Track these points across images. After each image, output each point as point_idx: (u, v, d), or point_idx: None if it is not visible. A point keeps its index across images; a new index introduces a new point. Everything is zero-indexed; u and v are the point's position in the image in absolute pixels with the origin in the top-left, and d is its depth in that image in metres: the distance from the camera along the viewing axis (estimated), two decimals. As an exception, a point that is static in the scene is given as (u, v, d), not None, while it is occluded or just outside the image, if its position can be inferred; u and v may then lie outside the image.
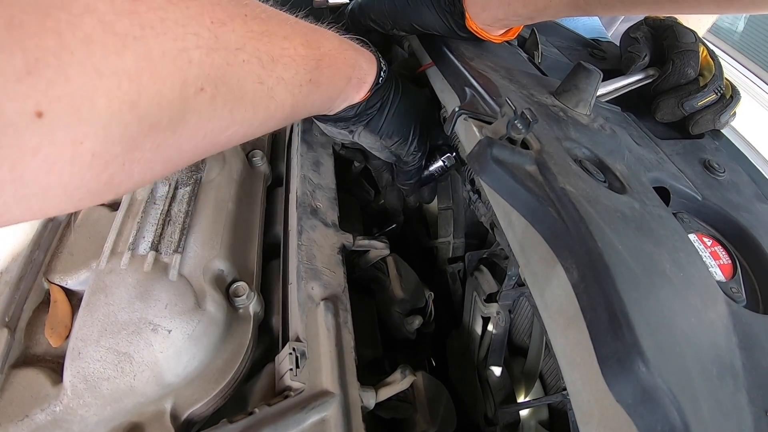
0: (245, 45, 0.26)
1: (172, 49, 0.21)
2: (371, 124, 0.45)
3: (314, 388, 0.34)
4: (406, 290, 0.53)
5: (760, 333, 0.29)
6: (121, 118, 0.20)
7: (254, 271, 0.45)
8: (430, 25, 0.48)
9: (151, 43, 0.20)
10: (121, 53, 0.19)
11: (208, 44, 0.23)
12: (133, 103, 0.20)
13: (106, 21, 0.18)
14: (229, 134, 0.28)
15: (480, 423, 0.51)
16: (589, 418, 0.24)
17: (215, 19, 0.23)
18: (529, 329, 0.50)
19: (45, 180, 0.19)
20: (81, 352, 0.33)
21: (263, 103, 0.29)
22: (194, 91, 0.23)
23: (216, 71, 0.24)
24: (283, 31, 0.29)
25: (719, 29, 2.03)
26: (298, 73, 0.31)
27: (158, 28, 0.20)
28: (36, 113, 0.17)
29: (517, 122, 0.31)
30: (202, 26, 0.23)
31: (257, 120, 0.30)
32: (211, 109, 0.25)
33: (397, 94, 0.46)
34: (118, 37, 0.19)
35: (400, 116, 0.46)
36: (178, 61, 0.22)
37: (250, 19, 0.26)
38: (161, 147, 0.24)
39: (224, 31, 0.24)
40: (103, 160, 0.21)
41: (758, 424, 0.24)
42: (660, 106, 0.51)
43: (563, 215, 0.28)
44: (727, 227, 0.40)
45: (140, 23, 0.20)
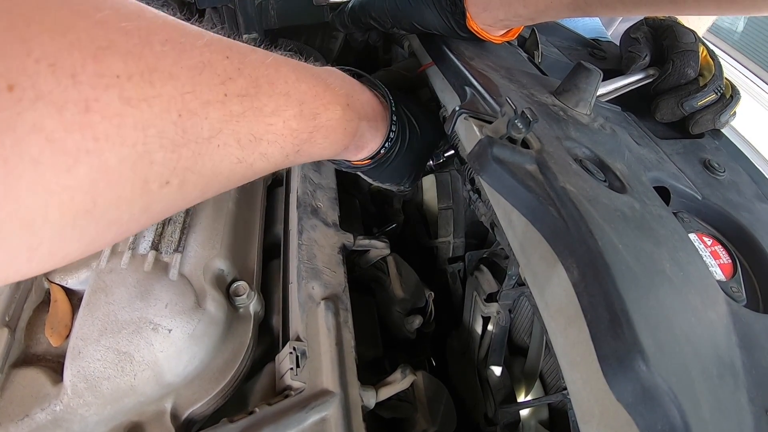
0: (222, 130, 0.24)
1: (130, 155, 0.20)
2: (367, 174, 0.46)
3: (314, 387, 0.34)
4: (406, 290, 0.53)
5: (761, 332, 0.29)
6: (75, 224, 0.19)
7: (254, 270, 0.45)
8: (431, 25, 0.48)
9: (106, 154, 0.19)
10: (72, 169, 0.18)
11: (174, 141, 0.21)
12: (87, 210, 0.19)
13: (54, 139, 0.17)
14: (199, 201, 0.27)
15: (480, 423, 0.51)
16: (589, 417, 0.24)
17: (184, 110, 0.22)
18: (529, 329, 0.50)
19: (4, 273, 0.19)
20: (81, 351, 0.33)
21: (239, 176, 0.27)
22: (158, 186, 0.22)
23: (184, 164, 0.22)
24: (273, 103, 0.27)
25: (719, 29, 2.03)
26: (284, 148, 0.29)
27: (114, 138, 0.19)
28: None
29: (518, 121, 0.31)
30: (166, 123, 0.21)
31: (231, 186, 0.28)
32: (179, 195, 0.23)
33: (402, 150, 0.44)
34: (68, 154, 0.18)
35: (397, 170, 0.45)
36: (137, 165, 0.20)
37: (232, 98, 0.24)
38: (123, 233, 0.23)
39: (195, 122, 0.22)
40: (63, 254, 0.20)
41: (758, 423, 0.24)
42: (660, 106, 0.51)
43: (563, 214, 0.28)
44: (728, 227, 0.40)
45: (93, 135, 0.18)
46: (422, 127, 0.47)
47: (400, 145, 0.44)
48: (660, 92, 0.52)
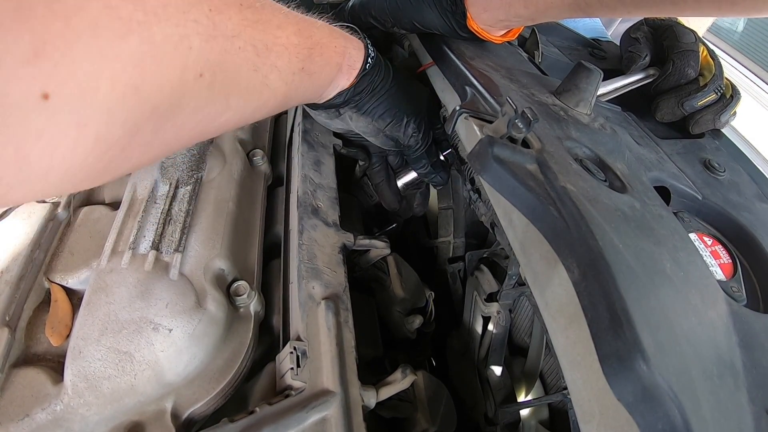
0: (241, 33, 0.26)
1: (173, 34, 0.21)
2: (361, 107, 0.46)
3: (315, 387, 0.34)
4: (406, 290, 0.53)
5: (761, 332, 0.29)
6: (124, 102, 0.20)
7: (255, 270, 0.45)
8: (432, 24, 0.48)
9: (154, 29, 0.20)
10: (125, 37, 0.19)
11: (207, 31, 0.23)
12: (136, 87, 0.20)
13: (111, 5, 0.19)
14: (222, 120, 0.29)
15: (480, 422, 0.51)
16: (590, 417, 0.24)
17: (213, 6, 0.24)
18: (529, 328, 0.50)
19: (48, 162, 0.19)
20: (82, 351, 0.33)
21: (257, 90, 0.29)
22: (193, 77, 0.23)
23: (214, 57, 0.24)
24: (276, 20, 0.30)
25: (719, 29, 2.03)
26: (291, 62, 0.31)
27: (161, 14, 0.21)
28: (42, 95, 0.17)
29: (518, 121, 0.31)
30: (201, 13, 0.23)
31: (250, 107, 0.30)
32: (208, 94, 0.25)
33: (387, 78, 0.46)
34: (122, 21, 0.19)
35: (390, 98, 0.46)
36: (179, 47, 0.22)
37: (245, 7, 0.27)
38: (160, 131, 0.24)
39: (221, 18, 0.24)
40: (106, 143, 0.21)
41: (758, 422, 0.24)
42: (660, 106, 0.51)
43: (564, 214, 0.28)
44: (728, 227, 0.40)
45: (144, 8, 0.20)
46: (403, 76, 0.49)
47: (385, 68, 0.46)
48: (660, 92, 0.52)
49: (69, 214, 0.45)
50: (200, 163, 0.48)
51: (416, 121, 0.48)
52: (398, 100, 0.47)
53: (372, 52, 0.44)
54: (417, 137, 0.49)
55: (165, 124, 0.24)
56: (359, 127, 0.48)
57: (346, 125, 0.48)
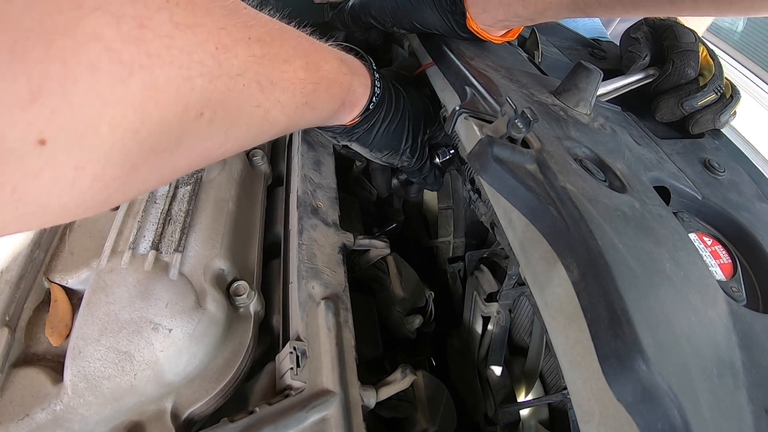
0: (247, 70, 0.26)
1: (176, 77, 0.21)
2: (360, 140, 0.46)
3: (315, 387, 0.34)
4: (406, 289, 0.53)
5: (760, 332, 0.29)
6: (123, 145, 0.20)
7: (255, 270, 0.45)
8: (431, 25, 0.48)
9: (157, 72, 0.20)
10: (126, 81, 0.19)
11: (211, 71, 0.23)
12: (135, 130, 0.20)
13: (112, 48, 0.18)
14: (221, 151, 0.28)
15: (480, 422, 0.51)
16: (589, 417, 0.24)
17: (219, 45, 0.23)
18: (529, 328, 0.50)
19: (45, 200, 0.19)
20: (81, 351, 0.33)
21: (257, 124, 0.29)
22: (194, 116, 0.23)
23: (216, 97, 0.24)
24: (284, 53, 0.29)
25: (719, 29, 2.03)
26: (294, 96, 0.31)
27: (164, 56, 0.20)
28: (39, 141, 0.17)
29: (518, 121, 0.31)
30: (206, 53, 0.23)
31: (249, 138, 0.30)
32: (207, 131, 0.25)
33: (390, 110, 0.46)
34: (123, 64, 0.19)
35: (390, 133, 0.47)
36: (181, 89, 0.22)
37: (253, 42, 0.26)
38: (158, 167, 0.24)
39: (227, 57, 0.24)
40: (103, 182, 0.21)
41: (758, 422, 0.24)
42: (660, 105, 0.51)
43: (563, 214, 0.28)
44: (728, 226, 0.40)
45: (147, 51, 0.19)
46: (409, 94, 0.49)
47: (388, 105, 0.46)
48: (660, 92, 0.52)
49: (69, 214, 0.45)
50: (200, 163, 0.48)
51: (412, 148, 0.49)
52: (398, 134, 0.47)
53: (378, 90, 0.44)
54: (411, 161, 0.50)
55: (163, 161, 0.24)
56: (356, 150, 0.49)
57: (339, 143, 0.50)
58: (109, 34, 0.18)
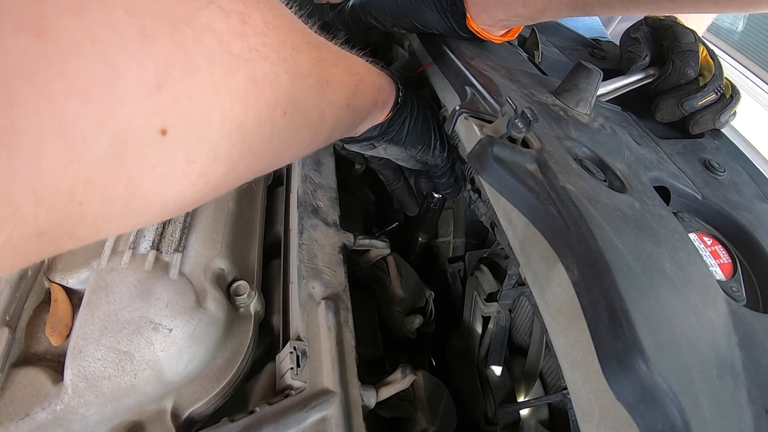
0: (312, 70, 0.27)
1: (270, 72, 0.22)
2: (395, 139, 0.47)
3: (315, 387, 0.34)
4: (406, 289, 0.53)
5: (760, 332, 0.29)
6: (229, 139, 0.20)
7: (255, 270, 0.45)
8: (431, 25, 0.48)
9: (257, 66, 0.21)
10: (235, 73, 0.19)
11: (292, 69, 0.24)
12: (240, 123, 0.21)
13: (224, 40, 0.19)
14: (288, 155, 0.29)
15: (480, 422, 0.51)
16: (589, 416, 0.24)
17: (294, 46, 0.24)
18: (529, 328, 0.50)
19: (152, 196, 0.19)
20: (82, 350, 0.33)
21: (315, 125, 0.30)
22: (280, 114, 0.24)
23: (294, 95, 0.25)
24: (331, 57, 0.30)
25: (719, 29, 2.03)
26: (340, 98, 0.32)
27: (261, 52, 0.21)
28: (161, 130, 0.17)
29: (518, 121, 0.31)
30: (288, 52, 0.23)
31: (307, 141, 0.31)
32: (287, 130, 0.26)
33: (414, 107, 0.47)
34: (233, 56, 0.19)
35: (419, 127, 0.48)
36: (274, 85, 0.22)
37: (312, 46, 0.27)
38: (250, 167, 0.24)
39: (301, 57, 0.25)
40: (206, 179, 0.21)
41: (758, 422, 0.24)
42: (660, 106, 0.51)
43: (564, 214, 0.28)
44: (728, 226, 0.40)
45: (248, 45, 0.20)
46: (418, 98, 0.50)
47: (411, 99, 0.47)
48: (660, 92, 0.52)
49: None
50: (200, 162, 0.48)
51: (441, 142, 0.50)
52: (426, 127, 0.49)
53: (401, 86, 0.45)
54: (443, 156, 0.50)
55: (255, 160, 0.24)
56: (392, 154, 0.50)
57: (377, 153, 0.50)
58: (220, 26, 0.19)
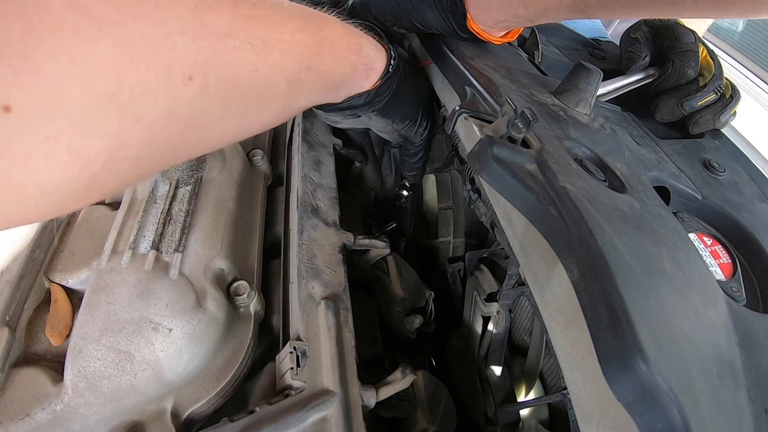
0: (235, 30, 0.24)
1: (153, 33, 0.19)
2: (383, 111, 0.44)
3: (315, 387, 0.34)
4: (406, 289, 0.53)
5: (760, 332, 0.29)
6: (100, 111, 0.18)
7: (255, 270, 0.45)
8: (432, 24, 0.48)
9: (129, 28, 0.19)
10: (96, 39, 0.18)
11: (194, 29, 0.21)
12: (112, 93, 0.19)
13: (77, 3, 0.17)
14: (221, 128, 0.26)
15: (480, 422, 0.51)
16: (589, 416, 0.24)
17: (200, 2, 0.22)
18: (529, 328, 0.50)
19: (18, 180, 0.17)
20: (82, 350, 0.33)
21: (257, 93, 0.27)
22: (182, 81, 0.21)
23: (204, 57, 0.22)
24: (277, 15, 0.28)
25: (719, 29, 2.03)
26: (296, 60, 0.29)
27: (137, 11, 0.19)
28: (3, 107, 0.16)
29: (518, 121, 0.31)
30: (185, 9, 0.21)
31: (251, 111, 0.28)
32: (203, 100, 0.23)
33: (406, 78, 0.45)
34: (92, 20, 0.17)
35: (409, 100, 0.45)
36: (160, 48, 0.20)
37: (240, 2, 0.25)
38: (150, 143, 0.22)
39: (211, 15, 0.22)
40: (83, 157, 0.19)
41: (758, 422, 0.24)
42: (660, 106, 0.51)
43: (563, 214, 0.28)
44: (728, 226, 0.40)
45: (116, 5, 0.18)
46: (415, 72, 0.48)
47: (404, 69, 0.44)
48: (660, 92, 0.52)
49: (69, 214, 0.45)
50: (200, 162, 0.48)
51: (426, 120, 0.48)
52: (416, 102, 0.46)
53: (394, 54, 0.42)
54: (423, 135, 0.49)
55: (155, 135, 0.22)
56: (377, 126, 0.47)
57: (360, 124, 0.47)
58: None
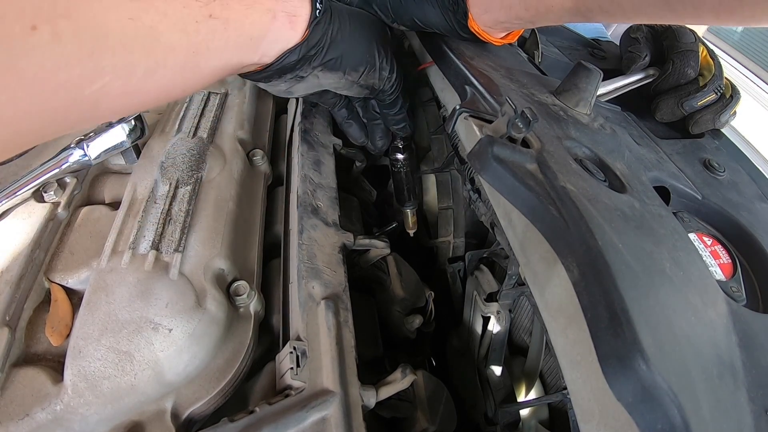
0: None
1: None
2: (328, 64, 0.38)
3: (315, 387, 0.34)
4: (406, 289, 0.53)
5: (760, 332, 0.29)
6: None
7: (255, 270, 0.45)
8: (432, 22, 0.48)
9: None
10: None
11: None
12: None
13: None
14: (98, 87, 0.23)
15: (480, 422, 0.51)
16: (589, 417, 0.24)
17: None
18: (529, 328, 0.50)
19: None
20: (82, 350, 0.33)
21: (142, 46, 0.24)
22: (21, 30, 0.18)
23: (50, 4, 0.19)
24: None
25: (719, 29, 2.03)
26: (188, 6, 0.25)
27: None
28: None
29: (518, 121, 0.31)
30: None
31: (140, 68, 0.24)
32: (58, 52, 0.20)
33: (344, 20, 0.39)
34: None
35: (356, 43, 0.39)
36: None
37: None
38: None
39: None
40: None
41: (758, 423, 0.24)
42: (660, 106, 0.51)
43: (564, 214, 0.28)
44: (727, 226, 0.40)
45: None
46: (356, 10, 0.42)
47: (338, 13, 0.39)
48: (660, 92, 0.52)
49: (69, 214, 0.45)
50: (200, 163, 0.48)
51: (388, 60, 0.42)
52: (366, 44, 0.40)
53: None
54: (392, 79, 0.43)
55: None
56: (329, 83, 0.42)
57: (310, 86, 0.42)
58: None
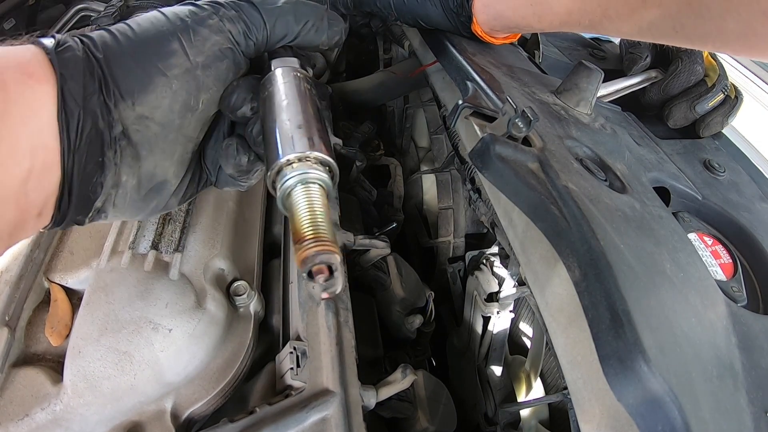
0: None
1: None
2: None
3: (315, 387, 0.34)
4: (406, 289, 0.53)
5: (760, 333, 0.29)
6: None
7: (255, 270, 0.45)
8: (434, 22, 0.48)
9: None
10: None
11: None
12: None
13: None
14: None
15: (480, 422, 0.51)
16: (590, 417, 0.24)
17: None
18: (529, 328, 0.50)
19: None
20: (81, 350, 0.33)
21: None
22: None
23: None
24: None
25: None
26: None
27: None
28: None
29: (518, 120, 0.31)
30: None
31: None
32: None
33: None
34: None
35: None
36: None
37: None
38: None
39: None
40: None
41: (758, 423, 0.24)
42: (673, 111, 0.51)
43: (565, 213, 0.28)
44: (728, 226, 0.40)
45: None
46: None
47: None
48: (670, 96, 0.52)
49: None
50: (200, 162, 0.48)
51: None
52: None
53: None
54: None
55: None
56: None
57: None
58: None
